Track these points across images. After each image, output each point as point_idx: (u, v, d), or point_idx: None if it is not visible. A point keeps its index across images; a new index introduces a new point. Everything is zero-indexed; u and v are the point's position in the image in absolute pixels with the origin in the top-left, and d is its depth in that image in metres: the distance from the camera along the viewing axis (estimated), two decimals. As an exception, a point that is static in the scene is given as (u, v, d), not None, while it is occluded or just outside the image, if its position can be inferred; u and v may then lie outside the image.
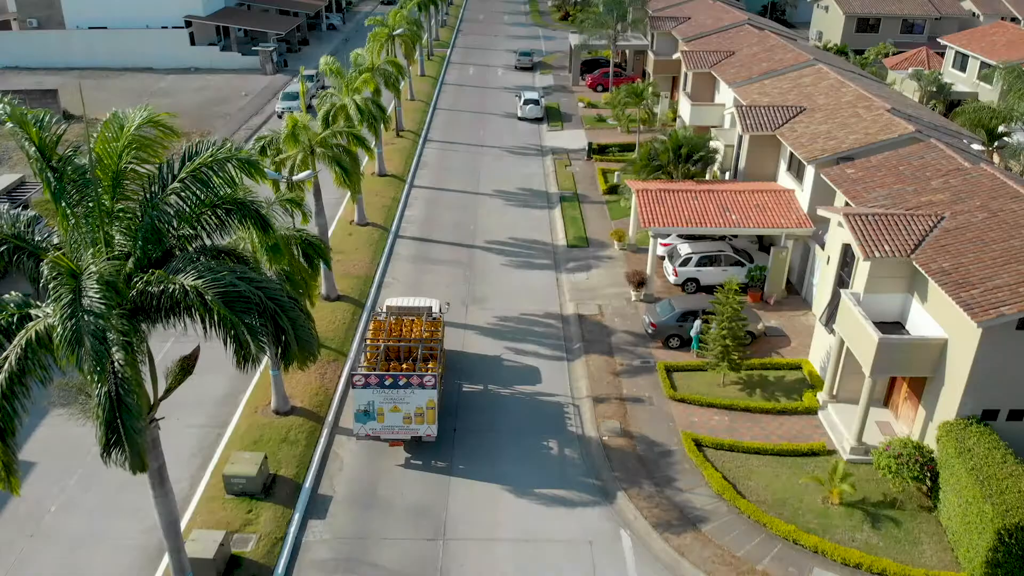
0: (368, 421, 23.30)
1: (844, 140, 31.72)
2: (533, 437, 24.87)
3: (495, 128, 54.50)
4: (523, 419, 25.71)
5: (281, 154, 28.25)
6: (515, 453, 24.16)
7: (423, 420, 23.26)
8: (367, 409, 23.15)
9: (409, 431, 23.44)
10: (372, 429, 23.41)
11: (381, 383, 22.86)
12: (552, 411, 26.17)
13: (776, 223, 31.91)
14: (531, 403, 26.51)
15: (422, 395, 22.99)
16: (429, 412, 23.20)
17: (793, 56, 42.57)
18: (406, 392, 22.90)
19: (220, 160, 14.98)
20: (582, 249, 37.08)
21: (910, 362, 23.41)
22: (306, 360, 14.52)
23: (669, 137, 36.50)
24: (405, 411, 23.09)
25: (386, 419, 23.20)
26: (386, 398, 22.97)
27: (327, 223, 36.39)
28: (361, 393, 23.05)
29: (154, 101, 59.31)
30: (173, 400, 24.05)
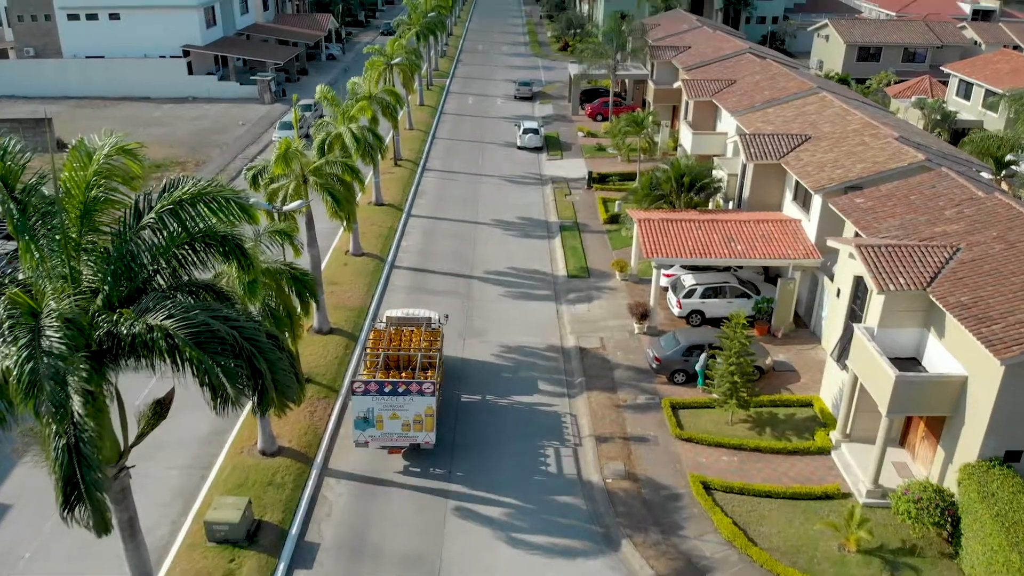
0: (367, 428, 23.42)
1: (852, 169, 30.90)
2: (532, 480, 23.65)
3: (494, 157, 53.88)
4: (522, 460, 24.50)
5: (273, 183, 27.37)
6: (514, 498, 22.92)
7: (421, 427, 23.41)
8: (366, 416, 23.28)
9: (408, 438, 23.55)
10: (371, 436, 23.52)
11: (380, 390, 23.05)
12: (553, 451, 24.97)
13: (783, 254, 30.96)
14: (531, 442, 25.31)
15: (421, 402, 23.12)
16: (428, 419, 23.33)
17: (796, 84, 41.97)
18: (405, 399, 23.08)
19: (202, 195, 14.00)
20: (583, 280, 36.12)
21: (928, 401, 22.31)
22: (285, 406, 13.43)
23: (671, 166, 35.71)
24: (404, 418, 23.27)
25: (385, 426, 23.35)
26: (385, 405, 23.13)
27: (320, 254, 35.52)
28: (360, 400, 23.21)
29: (150, 130, 58.84)
30: (155, 440, 22.85)
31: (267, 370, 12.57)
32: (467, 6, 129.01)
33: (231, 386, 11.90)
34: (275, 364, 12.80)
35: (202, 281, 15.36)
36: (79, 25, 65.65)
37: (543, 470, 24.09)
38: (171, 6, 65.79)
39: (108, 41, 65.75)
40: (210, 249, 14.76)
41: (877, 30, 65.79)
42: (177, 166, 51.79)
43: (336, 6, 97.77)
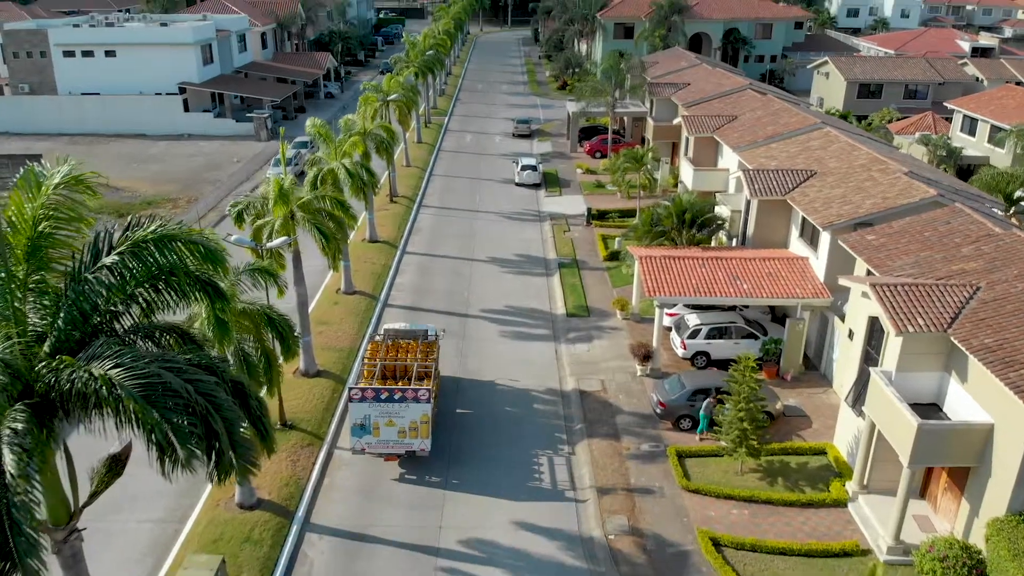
0: (364, 435, 23.83)
1: (861, 205, 29.81)
2: (530, 536, 22.00)
3: (492, 194, 52.97)
4: (519, 513, 22.88)
5: (259, 220, 26.21)
6: (508, 556, 21.27)
7: (417, 434, 23.82)
8: (363, 423, 23.70)
9: (403, 445, 23.94)
10: (368, 443, 23.91)
11: (377, 397, 23.49)
12: (552, 504, 23.36)
13: (791, 293, 29.68)
14: (528, 494, 23.72)
15: (416, 409, 23.53)
16: (423, 426, 23.74)
17: (799, 119, 41.17)
18: (401, 406, 23.51)
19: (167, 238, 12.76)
20: (582, 318, 34.79)
21: (953, 450, 20.87)
22: (247, 471, 11.97)
23: (673, 202, 34.64)
24: (400, 425, 23.68)
25: (381, 433, 23.74)
26: (381, 412, 23.55)
27: (308, 292, 34.25)
28: (357, 407, 23.63)
29: (144, 167, 58.11)
30: (128, 491, 21.36)
31: (224, 431, 11.17)
32: (466, 47, 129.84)
33: (181, 447, 10.50)
34: (234, 424, 11.41)
35: (166, 324, 14.06)
36: (74, 62, 65.32)
37: (541, 526, 22.45)
38: (168, 43, 65.54)
39: (103, 78, 65.36)
40: (177, 290, 13.50)
41: (878, 67, 65.46)
42: (168, 203, 50.86)
43: (335, 45, 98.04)
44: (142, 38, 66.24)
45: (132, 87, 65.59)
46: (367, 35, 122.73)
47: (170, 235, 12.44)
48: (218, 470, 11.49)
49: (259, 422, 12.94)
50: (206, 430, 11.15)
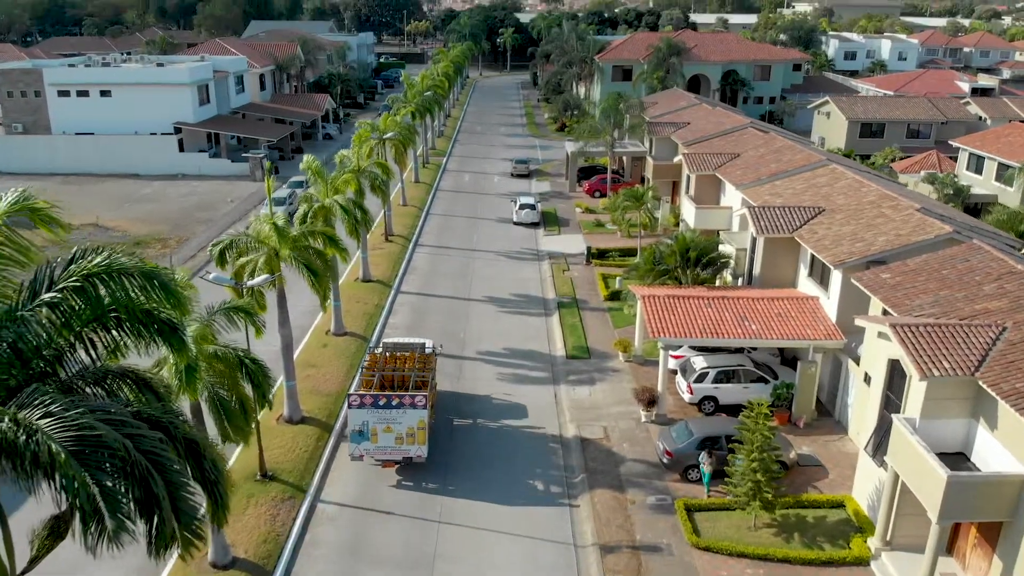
0: (362, 441, 24.39)
1: (873, 242, 28.57)
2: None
3: (489, 233, 51.85)
4: (514, 574, 21.09)
5: (242, 258, 24.89)
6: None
7: (414, 440, 24.36)
8: (361, 429, 24.30)
9: (400, 451, 24.50)
10: (366, 450, 24.46)
11: (375, 403, 24.15)
12: (550, 564, 21.57)
13: (802, 334, 28.24)
14: (525, 552, 21.94)
15: (413, 415, 24.13)
16: (420, 433, 24.31)
17: (804, 157, 40.22)
18: (398, 412, 24.12)
19: (115, 270, 11.38)
20: (583, 361, 33.25)
21: (985, 504, 19.27)
22: (188, 546, 10.36)
23: (676, 240, 33.41)
24: (397, 431, 24.22)
25: (379, 439, 24.33)
26: (379, 418, 24.17)
27: (295, 334, 32.78)
28: (356, 413, 24.29)
29: (136, 206, 57.13)
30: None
31: (166, 496, 9.62)
32: (466, 90, 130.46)
33: (110, 515, 8.94)
34: (179, 489, 9.88)
35: (119, 369, 12.61)
36: (69, 101, 64.83)
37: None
38: (164, 83, 65.16)
39: (98, 118, 64.80)
40: (129, 330, 12.10)
41: (879, 106, 64.98)
42: (158, 242, 49.74)
43: (334, 88, 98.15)
44: (138, 78, 65.88)
45: (127, 127, 64.99)
46: (367, 78, 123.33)
47: (119, 268, 11.05)
48: (157, 542, 9.89)
49: (214, 488, 11.39)
50: (145, 494, 9.60)
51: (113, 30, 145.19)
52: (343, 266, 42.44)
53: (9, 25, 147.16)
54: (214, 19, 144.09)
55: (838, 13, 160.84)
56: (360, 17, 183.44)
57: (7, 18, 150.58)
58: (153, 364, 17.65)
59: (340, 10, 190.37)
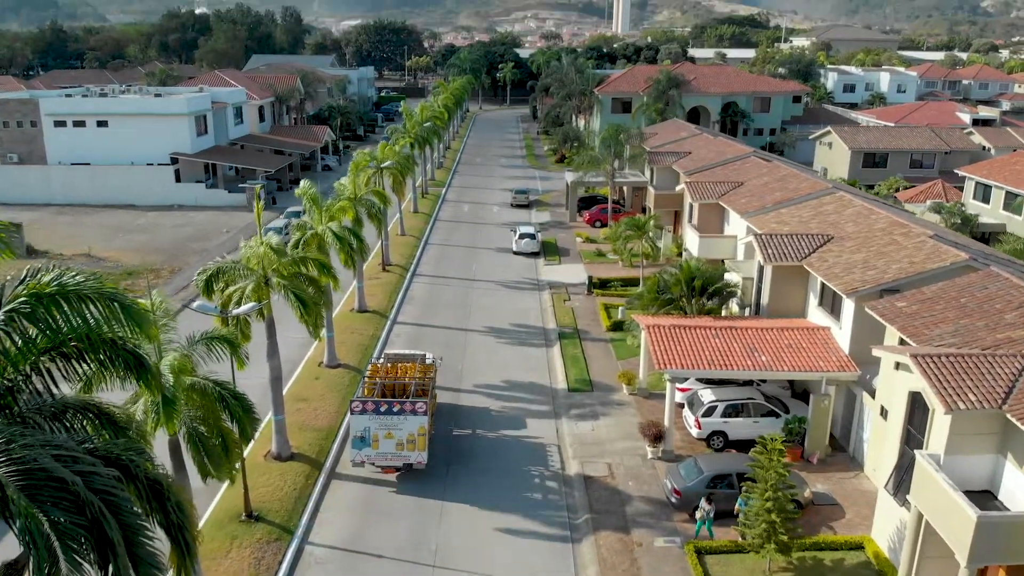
0: (364, 448, 24.96)
1: (886, 270, 27.54)
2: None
3: (489, 262, 50.91)
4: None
5: (229, 287, 23.85)
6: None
7: (414, 447, 24.90)
8: (363, 435, 24.84)
9: (401, 458, 25.03)
10: (367, 456, 25.04)
11: (377, 409, 24.75)
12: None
13: (814, 366, 27.07)
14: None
15: (414, 421, 24.72)
16: (420, 439, 24.88)
17: (809, 184, 39.42)
18: (399, 418, 24.69)
19: (70, 291, 10.30)
20: (586, 394, 32.01)
21: (1017, 545, 17.99)
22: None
23: (680, 268, 32.41)
24: (398, 438, 24.78)
25: (380, 445, 24.87)
26: (381, 424, 24.72)
27: (287, 365, 31.65)
28: (358, 419, 24.86)
29: (130, 237, 56.30)
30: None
31: (120, 541, 8.45)
32: (465, 123, 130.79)
33: (64, 555, 7.80)
34: (136, 533, 8.71)
35: (80, 402, 11.48)
36: (65, 132, 64.34)
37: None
38: (161, 114, 64.79)
39: (94, 148, 64.27)
40: (93, 360, 11.00)
41: (882, 136, 64.52)
42: (151, 273, 48.74)
43: (334, 120, 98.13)
44: (135, 108, 65.53)
45: (123, 157, 64.44)
46: (367, 112, 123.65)
47: (74, 289, 9.97)
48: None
49: (179, 533, 10.19)
50: (98, 538, 8.43)
51: (115, 64, 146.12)
52: (338, 296, 41.43)
53: (11, 59, 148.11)
54: (215, 53, 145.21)
55: (835, 47, 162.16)
56: (361, 53, 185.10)
57: (9, 52, 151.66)
58: (129, 398, 16.55)
59: (341, 46, 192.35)
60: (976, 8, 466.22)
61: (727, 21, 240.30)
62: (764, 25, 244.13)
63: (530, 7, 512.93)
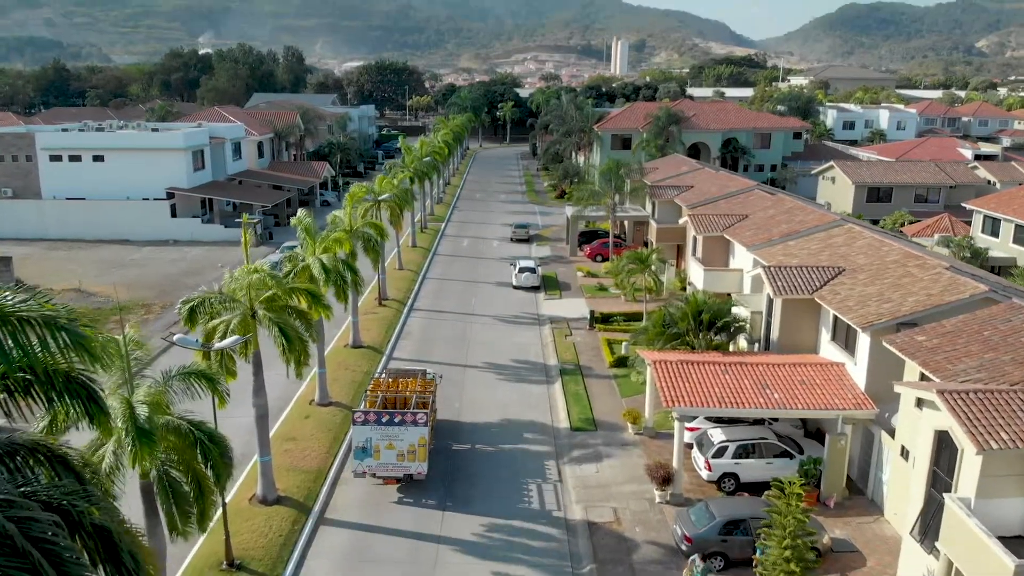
0: (365, 458, 25.39)
1: (902, 303, 26.37)
2: None
3: (488, 296, 49.77)
4: None
5: (214, 319, 22.66)
6: None
7: (415, 457, 25.32)
8: (365, 446, 25.33)
9: (402, 468, 25.42)
10: (368, 466, 25.44)
11: (379, 420, 25.30)
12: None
13: (829, 404, 25.74)
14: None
15: (414, 432, 25.21)
16: (420, 450, 25.30)
17: (816, 217, 38.48)
18: (400, 429, 25.19)
19: (10, 317, 9.13)
20: (589, 433, 30.58)
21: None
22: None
23: (687, 301, 31.25)
24: (399, 448, 25.23)
25: (382, 456, 25.33)
26: (382, 435, 25.23)
27: (278, 403, 30.37)
28: (360, 430, 25.39)
29: (123, 272, 55.25)
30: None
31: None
32: (466, 160, 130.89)
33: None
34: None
35: (30, 441, 10.22)
36: (61, 166, 63.71)
37: None
38: (158, 148, 64.23)
39: (90, 182, 63.57)
40: (41, 393, 9.77)
41: (886, 171, 63.86)
42: (142, 308, 47.68)
43: (334, 156, 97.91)
44: (132, 143, 64.99)
45: (119, 192, 63.70)
46: (368, 149, 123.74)
47: (12, 312, 8.78)
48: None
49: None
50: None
51: (116, 102, 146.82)
52: (332, 331, 40.22)
53: (12, 96, 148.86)
54: (217, 92, 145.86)
55: (833, 86, 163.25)
56: (363, 92, 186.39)
57: (11, 89, 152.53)
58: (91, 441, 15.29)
59: (343, 85, 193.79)
60: (971, 49, 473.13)
61: (724, 61, 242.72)
62: (761, 65, 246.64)
63: (529, 50, 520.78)
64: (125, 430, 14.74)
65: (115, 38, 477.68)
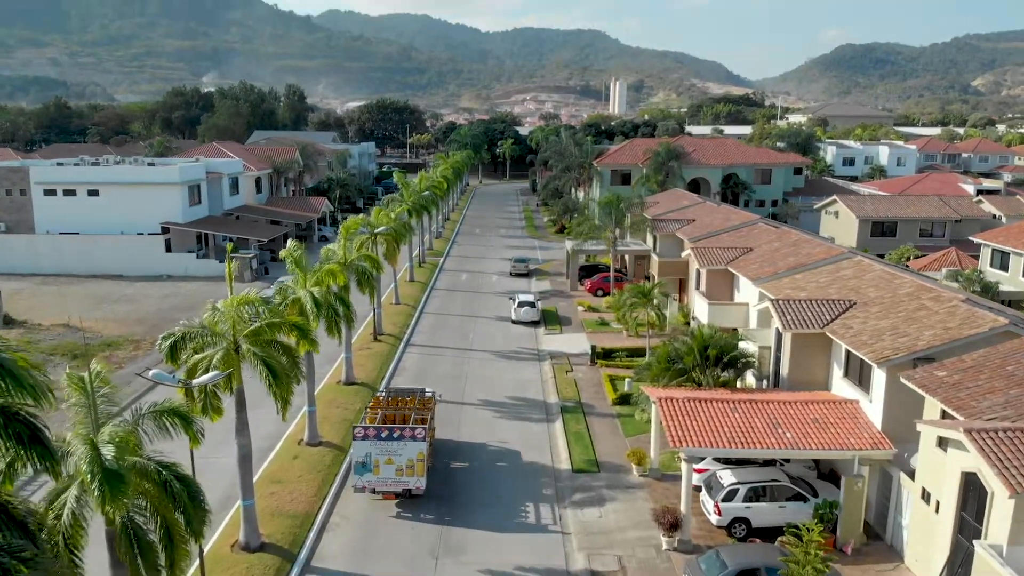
0: (365, 473, 25.88)
1: (919, 337, 25.22)
2: None
3: (486, 331, 48.57)
4: None
5: (196, 355, 21.49)
6: None
7: (413, 472, 25.83)
8: (364, 461, 25.82)
9: (400, 483, 25.89)
10: (368, 481, 25.91)
11: (378, 435, 25.86)
12: None
13: (845, 443, 24.42)
14: None
15: (413, 447, 25.77)
16: (419, 464, 25.83)
17: (823, 250, 37.51)
18: (399, 444, 25.75)
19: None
20: (592, 475, 29.16)
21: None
22: None
23: (693, 336, 30.08)
24: (398, 463, 25.71)
25: (381, 471, 25.81)
26: (382, 450, 25.74)
27: (265, 443, 29.07)
28: (360, 445, 25.92)
29: (114, 307, 54.20)
30: None
31: None
32: (465, 196, 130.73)
33: None
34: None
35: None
36: (55, 201, 63.05)
37: None
38: (154, 183, 63.64)
39: (84, 217, 62.86)
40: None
41: (890, 205, 63.17)
42: (131, 344, 46.49)
43: (333, 192, 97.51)
44: (127, 177, 64.44)
45: (114, 227, 62.95)
46: (368, 185, 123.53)
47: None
48: None
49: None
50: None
51: (117, 139, 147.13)
52: (324, 367, 39.00)
53: (13, 133, 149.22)
54: (218, 129, 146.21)
55: (832, 123, 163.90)
56: (364, 131, 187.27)
57: (12, 126, 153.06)
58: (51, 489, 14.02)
59: (344, 124, 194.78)
60: (967, 88, 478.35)
61: (722, 100, 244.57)
62: (759, 104, 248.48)
63: (529, 90, 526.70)
64: (91, 473, 13.54)
65: (120, 78, 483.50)
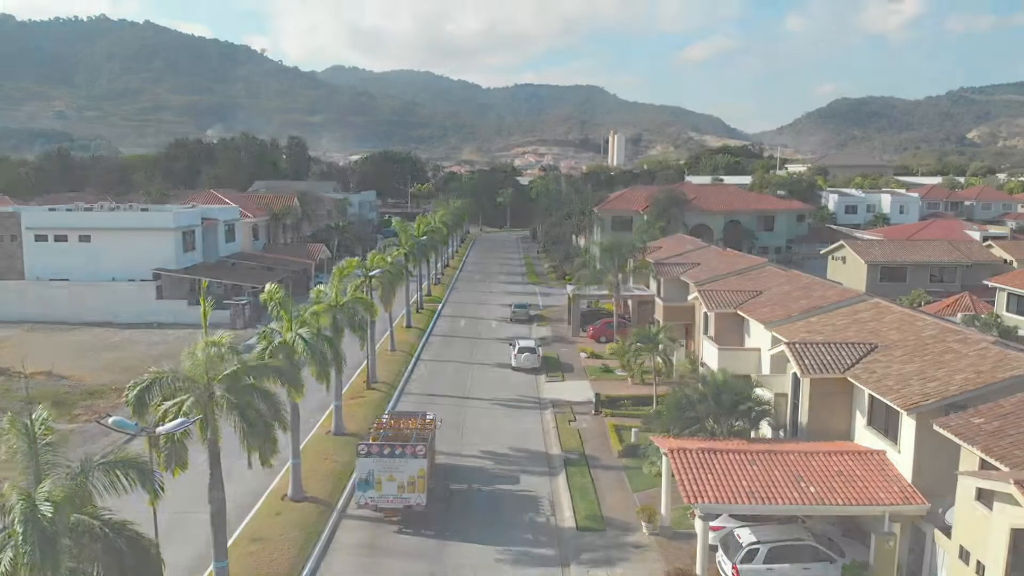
0: (368, 490, 26.77)
1: (949, 381, 23.43)
2: None
3: (485, 379, 46.67)
4: None
5: (165, 402, 19.73)
6: None
7: (414, 489, 26.66)
8: (367, 478, 26.74)
9: (402, 500, 26.68)
10: (371, 498, 26.79)
11: (381, 452, 26.79)
12: None
13: (873, 498, 22.44)
14: None
15: (414, 464, 26.64)
16: (420, 481, 26.69)
17: (838, 292, 35.96)
18: (400, 461, 26.62)
19: None
20: (598, 534, 26.96)
21: None
22: None
23: (705, 382, 28.27)
24: (399, 480, 26.60)
25: (383, 488, 26.66)
26: (384, 467, 26.62)
27: (246, 498, 27.07)
28: (363, 462, 26.88)
29: (102, 355, 52.52)
30: None
31: None
32: (465, 243, 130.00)
33: None
34: None
35: None
36: (46, 246, 61.80)
37: None
38: (147, 228, 62.52)
39: (75, 263, 61.49)
40: None
41: (899, 249, 61.85)
42: (114, 392, 44.52)
43: (332, 240, 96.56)
44: (119, 223, 63.41)
45: (105, 273, 61.55)
46: (368, 233, 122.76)
47: None
48: None
49: None
50: None
51: (119, 189, 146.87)
52: (316, 416, 37.10)
53: (14, 184, 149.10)
54: (218, 180, 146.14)
55: (832, 173, 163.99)
56: (365, 181, 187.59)
57: (15, 177, 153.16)
58: None
59: (347, 175, 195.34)
60: (963, 139, 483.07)
61: (721, 151, 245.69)
62: (758, 155, 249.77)
63: (529, 143, 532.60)
64: (23, 535, 11.74)
65: (125, 131, 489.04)
